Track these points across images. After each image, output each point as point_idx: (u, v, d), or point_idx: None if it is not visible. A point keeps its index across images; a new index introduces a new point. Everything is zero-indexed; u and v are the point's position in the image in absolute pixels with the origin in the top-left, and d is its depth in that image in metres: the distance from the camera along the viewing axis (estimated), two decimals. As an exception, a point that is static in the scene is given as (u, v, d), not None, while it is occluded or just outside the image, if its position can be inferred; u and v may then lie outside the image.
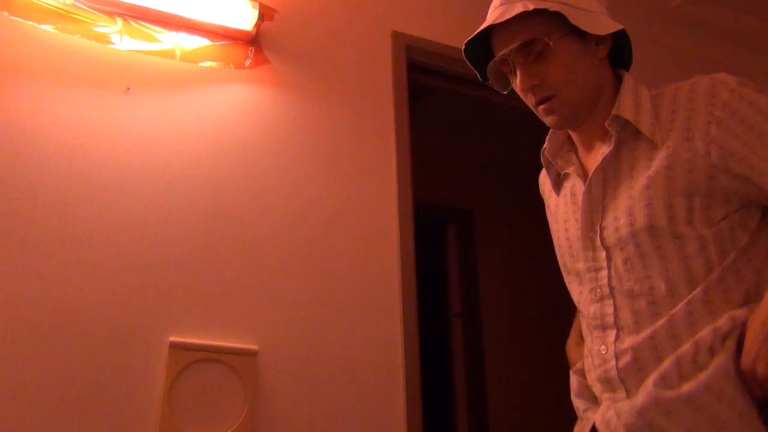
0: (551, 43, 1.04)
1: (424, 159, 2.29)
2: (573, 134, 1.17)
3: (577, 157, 1.15)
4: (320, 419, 1.50)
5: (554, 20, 1.04)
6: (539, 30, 1.05)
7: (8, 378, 1.30)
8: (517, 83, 1.09)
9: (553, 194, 1.20)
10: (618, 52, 1.17)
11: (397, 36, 2.03)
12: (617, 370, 0.98)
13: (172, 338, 1.43)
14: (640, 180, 1.02)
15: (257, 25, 1.74)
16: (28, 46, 1.57)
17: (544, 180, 1.25)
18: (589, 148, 1.14)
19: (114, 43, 1.60)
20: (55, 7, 1.55)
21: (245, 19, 1.73)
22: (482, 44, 1.14)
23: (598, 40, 1.09)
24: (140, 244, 1.50)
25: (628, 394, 0.97)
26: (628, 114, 1.06)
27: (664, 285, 0.97)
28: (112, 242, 1.48)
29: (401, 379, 1.62)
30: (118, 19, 1.61)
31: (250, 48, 1.76)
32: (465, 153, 3.61)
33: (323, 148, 1.79)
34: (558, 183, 1.19)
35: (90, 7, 1.58)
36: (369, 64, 1.97)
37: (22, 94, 1.53)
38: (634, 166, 1.04)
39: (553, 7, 1.03)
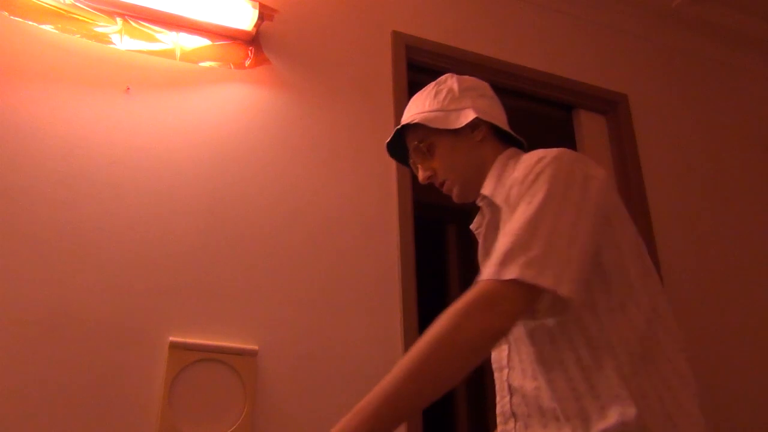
0: (423, 145, 1.29)
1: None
2: None
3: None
4: (320, 419, 1.50)
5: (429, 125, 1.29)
6: (420, 135, 1.30)
7: (8, 378, 1.30)
8: None
9: None
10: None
11: (397, 36, 2.03)
12: (511, 403, 1.15)
13: (172, 338, 1.43)
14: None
15: (257, 25, 1.74)
16: (28, 45, 1.58)
17: None
18: None
19: (114, 43, 1.60)
20: (55, 7, 1.55)
21: (245, 19, 1.73)
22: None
23: (473, 127, 1.27)
24: (140, 244, 1.50)
25: (516, 423, 1.12)
26: (487, 191, 1.23)
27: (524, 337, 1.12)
28: (112, 242, 1.48)
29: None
30: (118, 19, 1.61)
31: (250, 48, 1.76)
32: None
33: (323, 147, 1.79)
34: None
35: (90, 7, 1.58)
36: (369, 64, 1.97)
37: (22, 94, 1.53)
38: (497, 236, 1.14)
39: (414, 119, 1.28)
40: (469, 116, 1.27)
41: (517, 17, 2.31)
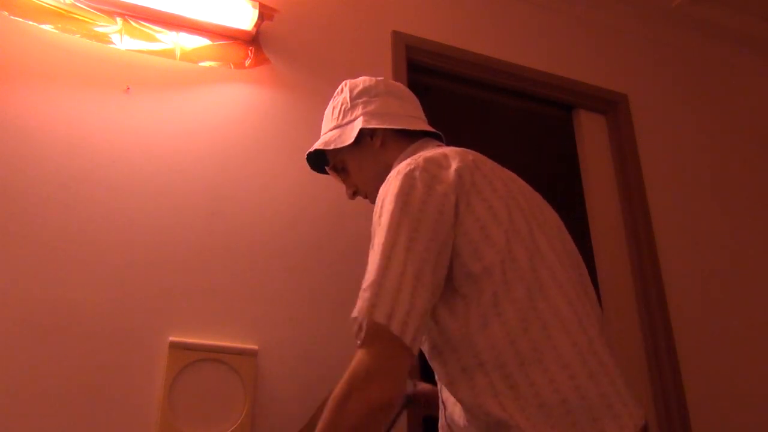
0: (337, 164, 1.33)
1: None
2: None
3: None
4: (320, 419, 1.50)
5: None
6: (331, 155, 1.35)
7: (8, 378, 1.30)
8: None
9: None
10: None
11: (397, 36, 2.03)
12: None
13: (172, 338, 1.43)
14: None
15: (257, 25, 1.74)
16: (28, 45, 1.57)
17: None
18: None
19: (114, 43, 1.60)
20: (55, 6, 1.55)
21: (245, 18, 1.73)
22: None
23: (371, 134, 1.27)
24: (140, 244, 1.50)
25: None
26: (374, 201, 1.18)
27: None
28: (112, 242, 1.48)
29: (401, 379, 1.62)
30: (118, 19, 1.61)
31: (250, 48, 1.76)
32: (465, 153, 3.59)
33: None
34: None
35: (90, 6, 1.58)
36: (369, 64, 1.97)
37: (21, 94, 1.53)
38: None
39: (317, 146, 1.32)
40: (356, 128, 1.25)
41: (517, 17, 2.31)
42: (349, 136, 1.25)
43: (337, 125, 1.29)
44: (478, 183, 1.05)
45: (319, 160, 1.42)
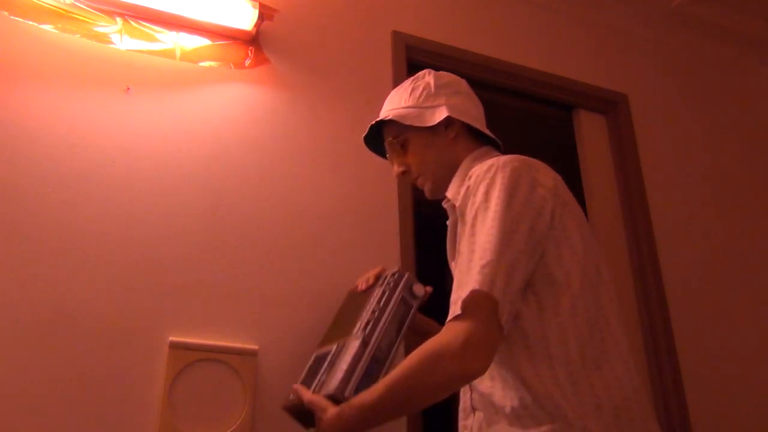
0: (397, 141, 1.32)
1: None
2: None
3: None
4: (320, 419, 1.50)
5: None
6: (395, 131, 1.33)
7: (7, 377, 1.30)
8: None
9: None
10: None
11: (397, 36, 2.03)
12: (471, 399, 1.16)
13: (172, 338, 1.43)
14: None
15: (257, 25, 1.74)
16: (28, 45, 1.57)
17: None
18: None
19: (114, 43, 1.60)
20: (55, 6, 1.55)
21: (245, 18, 1.73)
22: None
23: (447, 125, 1.29)
24: (140, 244, 1.50)
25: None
26: (451, 194, 1.25)
27: None
28: (112, 242, 1.48)
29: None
30: (118, 19, 1.61)
31: (250, 48, 1.76)
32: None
33: (323, 147, 1.79)
34: None
35: (90, 6, 1.58)
36: (369, 63, 1.97)
37: (21, 94, 1.53)
38: (460, 240, 1.16)
39: (389, 115, 1.31)
40: (442, 114, 1.28)
41: (517, 17, 2.31)
42: (430, 119, 1.29)
43: (416, 105, 1.31)
44: (567, 198, 1.15)
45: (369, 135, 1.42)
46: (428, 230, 1.99)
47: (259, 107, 1.77)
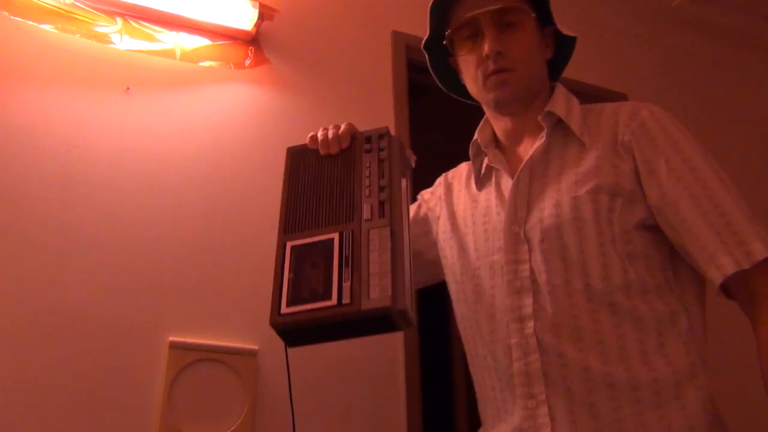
0: (533, 15, 1.12)
1: (424, 158, 2.28)
2: (501, 129, 1.20)
3: (503, 154, 1.19)
4: (320, 419, 1.50)
5: (526, 2, 1.13)
6: (518, 2, 1.11)
7: (7, 377, 1.30)
8: (482, 47, 1.10)
9: (471, 188, 1.22)
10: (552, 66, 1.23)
11: (397, 36, 2.03)
12: (541, 362, 0.97)
13: (172, 338, 1.43)
14: (569, 176, 1.05)
15: (257, 25, 1.74)
16: (27, 45, 1.57)
17: (454, 174, 1.31)
18: (517, 143, 1.17)
19: (114, 43, 1.60)
20: (55, 6, 1.55)
21: (245, 18, 1.73)
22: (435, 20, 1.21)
23: (548, 42, 1.19)
24: (140, 244, 1.50)
25: (548, 389, 0.96)
26: (560, 112, 1.10)
27: (581, 280, 0.99)
28: (112, 242, 1.48)
29: (402, 378, 1.62)
30: (118, 19, 1.61)
31: (250, 48, 1.76)
32: (465, 153, 3.60)
33: (323, 147, 1.79)
34: (481, 178, 1.21)
35: (90, 6, 1.58)
36: (369, 63, 1.97)
37: (21, 94, 1.53)
38: (563, 164, 1.07)
39: None
40: (567, 31, 1.18)
41: (517, 17, 2.31)
42: (563, 27, 1.19)
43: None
44: None
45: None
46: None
47: (259, 107, 1.77)
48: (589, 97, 2.30)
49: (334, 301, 0.97)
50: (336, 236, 1.03)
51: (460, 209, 1.23)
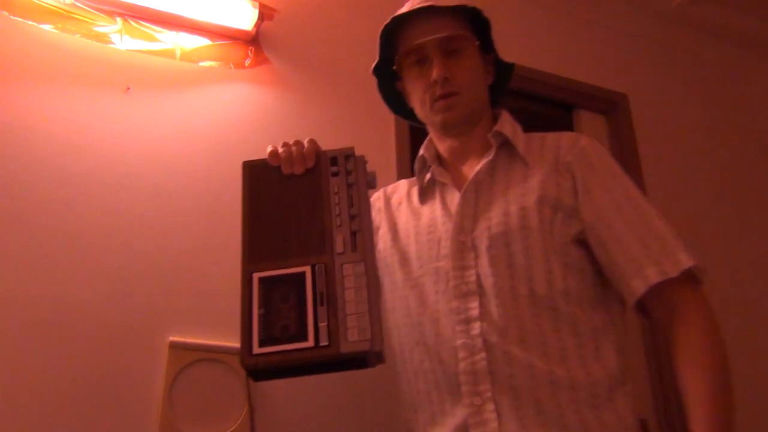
0: (476, 43, 1.19)
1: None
2: (446, 148, 1.26)
3: (447, 171, 1.24)
4: (320, 419, 1.50)
5: (469, 28, 1.20)
6: (458, 28, 1.18)
7: (7, 377, 1.30)
8: (430, 73, 1.16)
9: (412, 202, 1.26)
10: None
11: (397, 36, 2.03)
12: (488, 361, 1.00)
13: (172, 338, 1.43)
14: (516, 190, 1.11)
15: (257, 25, 1.74)
16: (27, 45, 1.57)
17: (393, 189, 1.35)
18: (462, 161, 1.23)
19: (114, 43, 1.60)
20: (54, 6, 1.55)
21: (245, 18, 1.73)
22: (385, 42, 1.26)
23: (489, 68, 1.24)
24: (140, 244, 1.50)
25: (494, 386, 0.99)
26: (508, 132, 1.17)
27: (525, 286, 1.03)
28: (112, 242, 1.48)
29: (401, 379, 1.62)
30: (118, 19, 1.61)
31: (250, 48, 1.76)
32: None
33: (323, 147, 1.79)
34: (425, 191, 1.25)
35: (90, 6, 1.58)
36: (369, 64, 1.96)
37: (21, 94, 1.53)
38: (509, 181, 1.14)
39: (484, 13, 1.21)
40: (505, 59, 1.26)
41: (516, 17, 2.31)
42: (494, 47, 1.25)
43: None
44: None
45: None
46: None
47: (259, 107, 1.77)
48: (589, 97, 2.31)
49: (310, 342, 0.94)
50: (308, 270, 0.99)
51: (402, 221, 1.26)
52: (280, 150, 1.11)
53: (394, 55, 1.25)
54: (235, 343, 1.51)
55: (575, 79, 2.28)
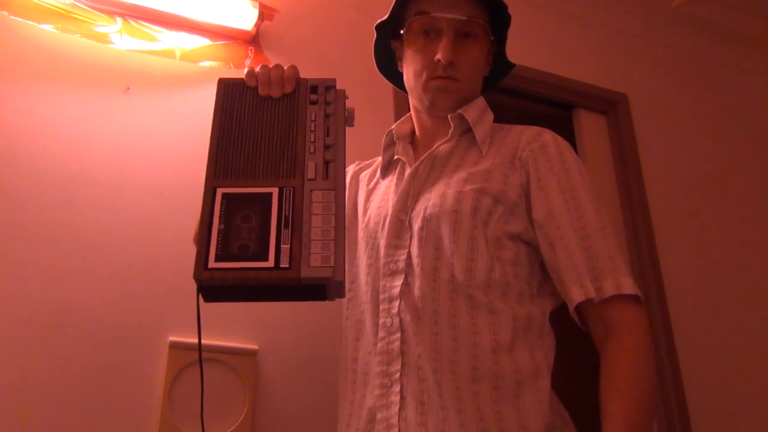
0: (490, 37, 1.17)
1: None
2: (421, 125, 1.26)
3: (414, 149, 1.24)
4: (321, 419, 1.50)
5: (487, 18, 1.18)
6: (481, 18, 1.16)
7: (7, 377, 1.30)
8: (435, 50, 1.14)
9: (376, 178, 1.27)
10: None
11: (397, 36, 2.03)
12: (401, 341, 1.01)
13: (172, 338, 1.43)
14: (461, 174, 1.10)
15: (257, 25, 1.74)
16: (27, 45, 1.57)
17: (369, 164, 1.36)
18: (431, 141, 1.22)
19: (114, 43, 1.60)
20: (55, 6, 1.55)
21: (245, 18, 1.73)
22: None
23: (489, 60, 1.24)
24: (140, 244, 1.50)
25: (403, 368, 0.99)
26: (470, 117, 1.16)
27: (447, 270, 1.02)
28: (112, 242, 1.48)
29: (401, 379, 1.62)
30: (118, 19, 1.61)
31: (250, 48, 1.76)
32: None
33: (323, 147, 1.79)
34: (387, 167, 1.26)
35: (90, 6, 1.58)
36: (369, 64, 1.96)
37: (21, 94, 1.53)
38: (460, 164, 1.13)
39: (506, 11, 1.20)
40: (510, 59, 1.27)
41: (516, 17, 2.30)
42: (504, 35, 1.25)
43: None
44: None
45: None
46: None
47: (259, 107, 1.77)
48: (589, 97, 2.31)
49: (270, 263, 0.88)
50: (275, 191, 0.94)
51: (362, 196, 1.28)
52: (257, 70, 1.06)
53: (404, 14, 1.22)
54: (235, 343, 1.52)
55: (575, 79, 2.28)
